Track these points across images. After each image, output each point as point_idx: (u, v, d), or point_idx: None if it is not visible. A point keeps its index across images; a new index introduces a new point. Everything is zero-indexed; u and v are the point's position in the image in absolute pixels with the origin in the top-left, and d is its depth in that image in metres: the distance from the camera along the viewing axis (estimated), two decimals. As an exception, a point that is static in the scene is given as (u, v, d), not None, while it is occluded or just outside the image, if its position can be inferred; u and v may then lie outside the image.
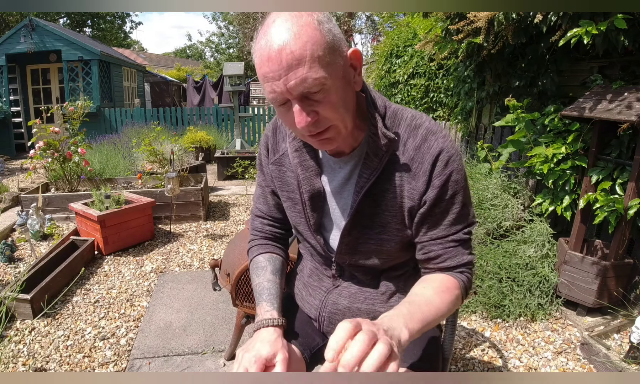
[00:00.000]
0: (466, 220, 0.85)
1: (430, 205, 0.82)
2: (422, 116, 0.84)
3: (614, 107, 1.91)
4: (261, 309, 0.91)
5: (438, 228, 0.84)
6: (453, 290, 0.83)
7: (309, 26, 0.66)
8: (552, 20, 2.03)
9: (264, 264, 0.99)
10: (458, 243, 0.85)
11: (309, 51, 0.65)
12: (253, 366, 0.77)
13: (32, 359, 1.89)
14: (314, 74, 0.66)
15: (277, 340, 0.84)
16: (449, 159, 0.80)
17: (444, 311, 0.79)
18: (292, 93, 0.68)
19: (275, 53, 0.66)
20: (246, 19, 12.40)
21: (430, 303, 0.77)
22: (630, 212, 1.88)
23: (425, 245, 0.86)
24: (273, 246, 1.04)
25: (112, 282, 2.65)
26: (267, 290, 0.94)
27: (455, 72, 3.42)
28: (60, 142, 3.83)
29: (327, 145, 0.78)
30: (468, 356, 1.91)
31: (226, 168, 5.56)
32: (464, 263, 0.86)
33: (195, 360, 1.90)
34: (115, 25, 20.35)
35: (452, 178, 0.80)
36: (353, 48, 0.74)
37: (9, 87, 8.28)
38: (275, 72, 0.67)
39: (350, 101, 0.75)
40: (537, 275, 2.21)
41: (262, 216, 1.05)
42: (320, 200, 0.90)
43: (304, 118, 0.70)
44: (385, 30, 6.16)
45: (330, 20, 0.71)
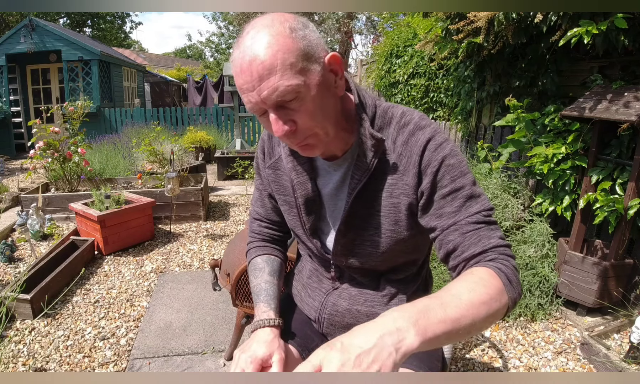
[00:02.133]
0: (478, 203, 0.76)
1: (428, 194, 0.78)
2: (413, 112, 0.82)
3: (614, 107, 1.91)
4: (258, 310, 0.92)
5: (447, 217, 0.76)
6: (489, 280, 0.66)
7: (280, 35, 0.66)
8: (552, 20, 2.03)
9: (261, 265, 1.00)
10: (478, 226, 0.74)
11: (279, 60, 0.65)
12: (249, 367, 0.78)
13: (32, 359, 1.89)
14: (285, 82, 0.66)
15: (273, 341, 0.84)
16: (439, 145, 0.77)
17: (480, 307, 0.62)
18: (266, 102, 0.68)
19: (247, 64, 0.66)
20: (246, 19, 12.39)
21: (457, 297, 0.62)
22: (630, 212, 1.88)
23: (441, 239, 0.77)
24: (271, 248, 1.04)
25: (112, 282, 2.65)
26: (265, 290, 0.95)
27: (456, 72, 3.42)
28: (60, 142, 3.83)
29: (310, 151, 0.77)
30: (468, 356, 1.90)
31: (226, 168, 5.56)
32: (493, 246, 0.72)
33: (195, 360, 1.90)
34: (115, 25, 20.35)
35: (446, 163, 0.76)
36: (332, 53, 0.72)
37: (9, 87, 8.28)
38: (249, 83, 0.67)
39: (330, 107, 0.74)
40: (537, 275, 2.21)
41: (260, 219, 1.05)
42: (315, 203, 0.90)
43: (281, 127, 0.70)
44: (385, 30, 6.15)
45: (306, 26, 0.70)
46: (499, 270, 0.69)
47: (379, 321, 0.58)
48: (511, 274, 0.69)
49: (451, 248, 0.76)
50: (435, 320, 0.58)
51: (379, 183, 0.82)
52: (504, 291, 0.67)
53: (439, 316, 0.59)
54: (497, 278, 0.67)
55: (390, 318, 0.58)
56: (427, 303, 0.60)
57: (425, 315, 0.58)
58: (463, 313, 0.60)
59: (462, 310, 0.60)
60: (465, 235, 0.74)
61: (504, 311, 0.67)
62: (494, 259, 0.71)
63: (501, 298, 0.66)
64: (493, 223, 0.76)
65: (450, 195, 0.76)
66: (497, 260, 0.71)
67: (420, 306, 0.60)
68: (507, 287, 0.67)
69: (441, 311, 0.59)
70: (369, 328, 0.57)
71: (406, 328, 0.56)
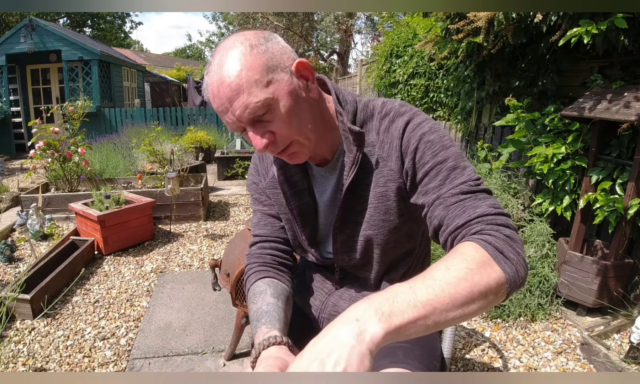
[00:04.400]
0: (464, 174, 0.72)
1: (412, 173, 0.77)
2: (394, 102, 0.82)
3: (613, 107, 1.91)
4: (259, 333, 0.75)
5: (432, 192, 0.74)
6: (470, 253, 0.59)
7: (242, 54, 0.69)
8: (552, 20, 2.02)
9: (262, 288, 0.86)
10: (463, 196, 0.70)
11: (244, 79, 0.68)
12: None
13: (32, 359, 1.89)
14: (254, 99, 0.68)
15: (285, 353, 0.70)
16: (417, 125, 0.77)
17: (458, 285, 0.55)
18: (241, 120, 0.71)
19: (216, 89, 0.70)
20: (246, 19, 12.39)
21: (430, 277, 0.56)
22: (630, 212, 1.88)
23: (429, 216, 0.74)
24: (274, 272, 0.91)
25: (112, 282, 2.65)
26: (266, 313, 0.79)
27: (455, 72, 3.42)
28: (60, 142, 3.83)
29: (296, 159, 0.79)
30: (468, 356, 1.90)
31: (226, 169, 5.56)
32: (479, 216, 0.66)
33: (195, 360, 1.90)
34: (115, 25, 20.37)
35: (425, 139, 0.75)
36: (299, 60, 0.74)
37: (9, 87, 8.29)
38: (222, 106, 0.70)
39: (305, 112, 0.75)
40: (537, 275, 2.21)
41: (262, 241, 0.95)
42: (311, 213, 0.91)
43: (259, 141, 0.72)
44: (385, 30, 6.15)
45: (268, 40, 0.72)
46: (484, 242, 0.61)
47: (341, 317, 0.54)
48: (503, 244, 0.61)
49: (437, 223, 0.72)
50: (403, 305, 0.53)
51: (368, 175, 0.82)
52: (491, 264, 0.58)
53: (407, 300, 0.53)
54: (481, 250, 0.60)
55: (350, 311, 0.54)
56: (396, 289, 0.55)
57: (390, 300, 0.53)
58: (437, 294, 0.54)
59: (435, 291, 0.54)
60: (449, 208, 0.70)
61: (499, 288, 0.58)
62: (479, 231, 0.64)
63: (488, 272, 0.57)
64: (481, 192, 0.70)
65: (433, 170, 0.74)
66: (484, 231, 0.64)
67: (387, 293, 0.55)
68: (498, 259, 0.59)
69: (409, 295, 0.54)
70: (329, 328, 0.53)
71: (367, 317, 0.52)
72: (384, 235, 0.85)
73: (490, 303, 0.58)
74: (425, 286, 0.55)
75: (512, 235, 0.63)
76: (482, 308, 0.57)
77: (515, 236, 0.64)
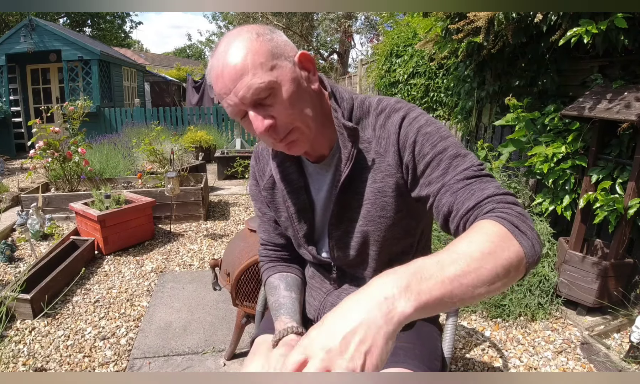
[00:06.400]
0: (466, 160, 0.73)
1: (412, 166, 0.77)
2: (390, 99, 0.83)
3: (614, 107, 1.91)
4: (280, 322, 0.90)
5: (436, 181, 0.74)
6: (489, 228, 0.59)
7: (248, 40, 0.71)
8: (552, 19, 2.02)
9: (275, 283, 0.99)
10: (469, 181, 0.70)
11: (249, 60, 0.69)
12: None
13: (32, 359, 1.90)
14: (258, 80, 0.69)
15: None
16: (413, 119, 0.78)
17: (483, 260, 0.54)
18: (244, 102, 0.71)
19: (220, 71, 0.71)
20: (246, 19, 12.40)
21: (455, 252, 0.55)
22: (630, 212, 1.88)
23: (436, 206, 0.74)
24: (283, 266, 1.03)
25: (112, 282, 2.65)
26: (284, 305, 0.93)
27: (455, 72, 3.42)
28: (60, 142, 3.83)
29: (295, 148, 0.79)
30: (468, 356, 1.91)
31: (226, 168, 5.56)
32: (488, 196, 0.66)
33: (196, 360, 1.90)
34: (115, 25, 20.35)
35: (423, 132, 0.76)
36: (301, 51, 0.76)
37: (9, 87, 8.29)
38: (225, 88, 0.71)
39: (306, 100, 0.76)
40: (537, 275, 2.21)
41: (265, 244, 1.05)
42: (307, 211, 0.91)
43: (261, 122, 0.72)
44: (384, 30, 6.15)
45: (273, 32, 0.75)
46: (500, 218, 0.61)
47: (366, 291, 0.51)
48: (517, 220, 0.61)
49: (446, 210, 0.71)
50: (430, 283, 0.51)
51: (364, 171, 0.83)
52: (511, 238, 0.58)
53: (435, 277, 0.51)
54: (499, 225, 0.60)
55: (377, 287, 0.51)
56: (422, 263, 0.53)
57: (418, 276, 0.51)
58: (464, 269, 0.53)
59: (462, 266, 0.53)
60: (456, 193, 0.70)
61: (519, 263, 0.57)
62: (492, 210, 0.64)
63: (509, 245, 0.57)
64: (486, 176, 0.71)
65: (434, 160, 0.75)
66: (496, 209, 0.64)
67: (413, 267, 0.52)
68: (515, 233, 0.59)
69: (437, 269, 0.52)
70: (354, 302, 0.50)
71: (397, 294, 0.49)
72: (380, 232, 0.85)
73: (511, 279, 0.57)
74: (451, 260, 0.53)
75: (523, 212, 0.64)
76: (505, 285, 0.56)
77: (526, 213, 0.64)
